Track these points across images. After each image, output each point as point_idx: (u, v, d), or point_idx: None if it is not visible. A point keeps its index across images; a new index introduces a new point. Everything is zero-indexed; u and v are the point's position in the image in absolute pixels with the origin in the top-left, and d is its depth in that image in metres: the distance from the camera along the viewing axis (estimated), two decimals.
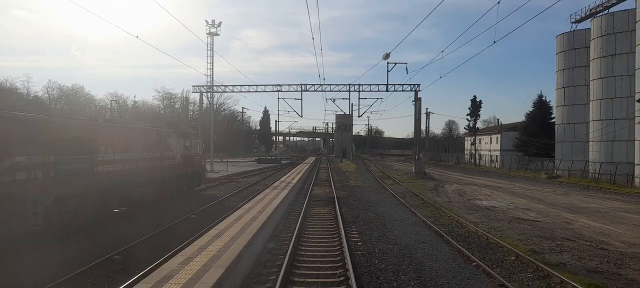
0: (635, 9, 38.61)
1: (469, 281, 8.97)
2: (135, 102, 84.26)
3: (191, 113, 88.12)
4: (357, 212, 17.95)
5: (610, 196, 27.91)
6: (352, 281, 8.27)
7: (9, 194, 10.63)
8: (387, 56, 28.12)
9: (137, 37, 21.83)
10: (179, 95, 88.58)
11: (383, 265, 9.96)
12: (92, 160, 14.32)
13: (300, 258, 10.35)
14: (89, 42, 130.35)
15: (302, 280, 8.75)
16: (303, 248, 11.39)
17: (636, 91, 37.49)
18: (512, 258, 10.92)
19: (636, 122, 36.40)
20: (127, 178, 16.68)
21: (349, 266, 9.21)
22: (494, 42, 18.87)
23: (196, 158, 25.79)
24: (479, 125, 79.60)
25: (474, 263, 10.32)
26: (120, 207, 16.58)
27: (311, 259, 10.36)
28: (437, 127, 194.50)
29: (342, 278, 8.77)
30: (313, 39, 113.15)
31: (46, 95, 73.98)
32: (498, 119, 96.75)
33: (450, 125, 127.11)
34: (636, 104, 36.33)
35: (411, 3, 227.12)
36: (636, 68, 38.07)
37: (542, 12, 45.06)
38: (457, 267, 9.96)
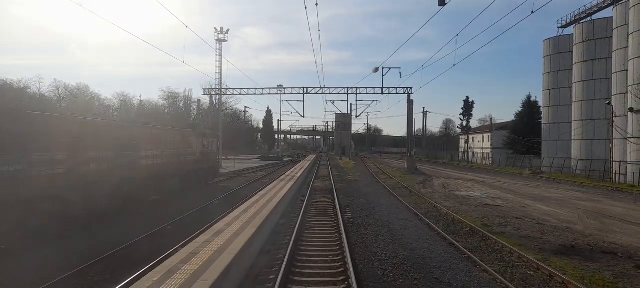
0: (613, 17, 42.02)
1: (428, 241, 12.43)
2: (141, 101, 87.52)
3: (194, 112, 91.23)
4: (352, 200, 21.40)
5: (576, 188, 31.34)
6: (344, 239, 11.72)
7: (87, 180, 14.06)
8: (376, 70, 31.76)
9: (183, 62, 25.00)
10: (182, 94, 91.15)
11: (367, 232, 13.47)
12: (137, 155, 17.77)
13: (306, 228, 13.82)
14: (89, 40, 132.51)
15: (309, 240, 12.20)
16: (308, 222, 14.86)
17: (613, 94, 40.93)
18: (467, 229, 14.37)
19: (609, 123, 39.81)
20: (160, 171, 20.11)
21: (342, 231, 12.68)
22: (454, 65, 22.24)
23: (212, 155, 29.26)
24: (475, 124, 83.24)
25: (436, 232, 13.79)
26: (152, 196, 20.00)
27: (314, 228, 13.83)
28: (435, 125, 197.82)
29: (337, 239, 12.23)
30: (314, 51, 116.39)
31: (57, 95, 76.99)
32: (491, 118, 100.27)
33: (448, 124, 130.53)
34: (610, 106, 39.73)
35: (411, 1, 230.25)
36: (613, 72, 41.55)
37: (532, 13, 48.10)
38: (423, 234, 13.42)
